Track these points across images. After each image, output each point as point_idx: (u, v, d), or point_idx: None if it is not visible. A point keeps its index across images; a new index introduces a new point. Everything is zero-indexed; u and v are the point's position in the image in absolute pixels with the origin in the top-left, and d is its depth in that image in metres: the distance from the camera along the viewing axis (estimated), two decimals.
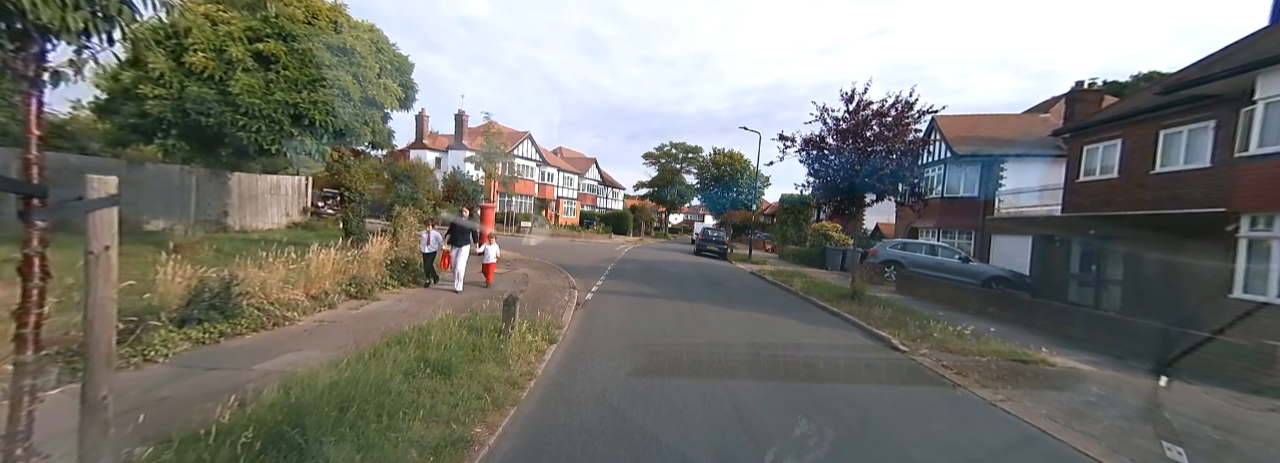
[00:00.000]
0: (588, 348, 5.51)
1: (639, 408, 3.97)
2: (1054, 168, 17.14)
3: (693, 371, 5.05)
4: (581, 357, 5.19)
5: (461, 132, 35.40)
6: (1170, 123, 11.34)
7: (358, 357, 3.98)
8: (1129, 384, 5.76)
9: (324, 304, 6.24)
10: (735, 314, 8.41)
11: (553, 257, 15.61)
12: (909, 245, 16.99)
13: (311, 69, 8.58)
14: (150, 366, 4.13)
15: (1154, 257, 11.18)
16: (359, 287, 6.95)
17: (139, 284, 4.78)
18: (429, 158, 36.51)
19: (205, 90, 7.84)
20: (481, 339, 4.84)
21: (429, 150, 36.98)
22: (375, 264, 7.60)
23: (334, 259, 6.82)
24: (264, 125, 7.98)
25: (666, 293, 10.19)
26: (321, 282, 6.39)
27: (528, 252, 16.55)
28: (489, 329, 5.11)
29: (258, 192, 14.59)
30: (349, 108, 8.71)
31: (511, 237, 25.60)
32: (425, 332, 4.79)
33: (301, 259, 6.35)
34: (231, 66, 8.12)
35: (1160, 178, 11.55)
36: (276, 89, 8.13)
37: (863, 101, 9.71)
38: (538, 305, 7.44)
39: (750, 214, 36.96)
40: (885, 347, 6.90)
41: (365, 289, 7.01)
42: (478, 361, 4.30)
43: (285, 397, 3.10)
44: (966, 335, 6.91)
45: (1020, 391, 5.21)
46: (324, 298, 6.30)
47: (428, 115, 36.71)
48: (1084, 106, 17.74)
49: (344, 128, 8.66)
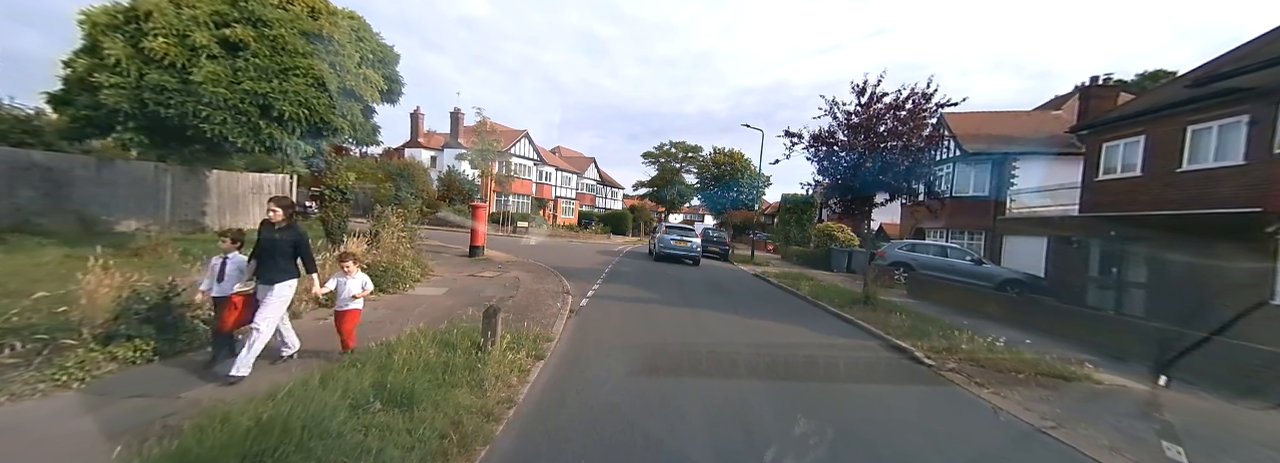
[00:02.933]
0: (579, 366, 4.88)
1: (637, 442, 3.35)
2: (1068, 166, 16.55)
3: (698, 393, 4.42)
4: (571, 376, 4.55)
5: (457, 130, 34.74)
6: (1199, 118, 10.73)
7: (303, 383, 3.34)
8: (1189, 406, 5.14)
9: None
10: (742, 322, 7.79)
11: (548, 258, 14.97)
12: (919, 247, 16.39)
13: (284, 57, 7.93)
14: (61, 393, 3.49)
15: (1182, 259, 10.57)
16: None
17: (59, 295, 4.15)
18: (424, 156, 35.89)
19: (165, 79, 7.19)
20: (456, 357, 4.20)
21: (424, 149, 36.37)
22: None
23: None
24: (229, 117, 7.33)
25: (667, 298, 9.56)
26: None
27: (523, 253, 15.92)
28: (465, 346, 4.47)
29: (239, 191, 13.94)
30: (324, 99, 8.06)
31: (507, 237, 24.96)
32: (391, 349, 4.15)
33: None
34: (196, 53, 7.47)
35: (1187, 176, 10.94)
36: (244, 78, 7.48)
37: (875, 94, 9.05)
38: (527, 314, 6.80)
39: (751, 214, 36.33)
40: (908, 359, 6.28)
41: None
42: (448, 386, 3.67)
43: (197, 441, 2.47)
44: (997, 347, 6.29)
45: (1070, 414, 4.59)
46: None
47: (423, 113, 36.08)
48: (1099, 103, 17.15)
49: (319, 121, 8.02)
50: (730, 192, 42.37)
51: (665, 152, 53.13)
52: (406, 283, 7.92)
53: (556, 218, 40.24)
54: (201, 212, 13.00)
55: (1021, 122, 19.51)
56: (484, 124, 17.62)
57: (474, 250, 13.31)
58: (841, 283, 14.35)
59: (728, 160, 43.40)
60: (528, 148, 37.34)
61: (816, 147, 9.79)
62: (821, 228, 21.29)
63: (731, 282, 13.55)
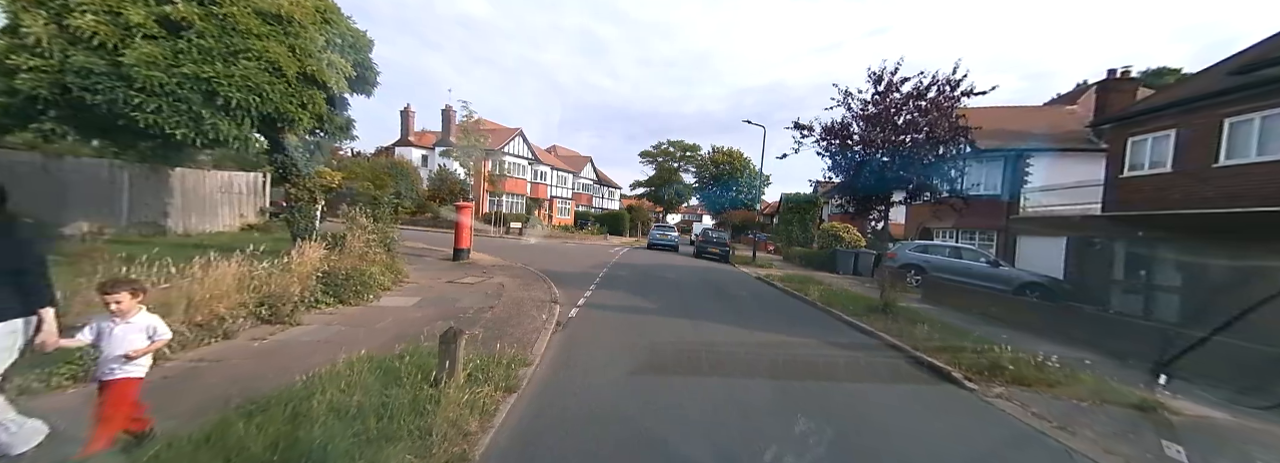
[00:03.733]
0: (560, 400, 4.00)
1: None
2: (1085, 164, 15.79)
3: (704, 433, 3.56)
4: (548, 416, 3.68)
5: (449, 127, 33.79)
6: (1238, 109, 9.95)
7: (171, 444, 2.47)
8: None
9: (215, 334, 4.71)
10: (751, 338, 6.92)
11: (539, 261, 14.08)
12: (931, 248, 15.58)
13: (235, 38, 7.03)
14: None
15: (1221, 262, 9.78)
16: (274, 308, 5.41)
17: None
18: (416, 155, 35.00)
19: (93, 61, 6.28)
20: (403, 394, 3.33)
21: (416, 147, 35.46)
22: (303, 277, 6.05)
23: (239, 273, 5.28)
24: (166, 105, 6.42)
25: (665, 307, 8.69)
26: (215, 304, 4.85)
27: (513, 255, 15.02)
28: (417, 379, 3.59)
29: (206, 190, 13.00)
30: (279, 86, 7.16)
31: (499, 238, 24.05)
32: (315, 387, 3.28)
33: (188, 273, 4.82)
34: (130, 33, 6.56)
35: (1225, 172, 10.17)
36: (186, 61, 6.58)
37: (893, 83, 8.20)
38: (505, 329, 5.92)
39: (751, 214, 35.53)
40: (944, 381, 5.43)
41: (284, 311, 5.47)
42: (381, 440, 2.79)
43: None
44: (1049, 367, 5.44)
45: (1159, 458, 3.76)
46: (217, 326, 4.76)
47: (414, 111, 35.21)
48: (1118, 97, 16.40)
49: (273, 111, 7.12)
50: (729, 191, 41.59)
51: (663, 151, 52.29)
52: (372, 292, 7.02)
53: (552, 218, 39.32)
54: (164, 213, 12.06)
55: (1034, 117, 18.74)
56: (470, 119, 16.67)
57: (458, 254, 12.41)
58: (850, 287, 13.51)
59: (727, 159, 42.61)
60: (522, 146, 36.41)
61: (829, 140, 8.94)
62: (826, 228, 20.45)
63: (734, 286, 12.70)
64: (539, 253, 17.51)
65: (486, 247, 16.84)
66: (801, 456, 3.28)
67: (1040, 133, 17.77)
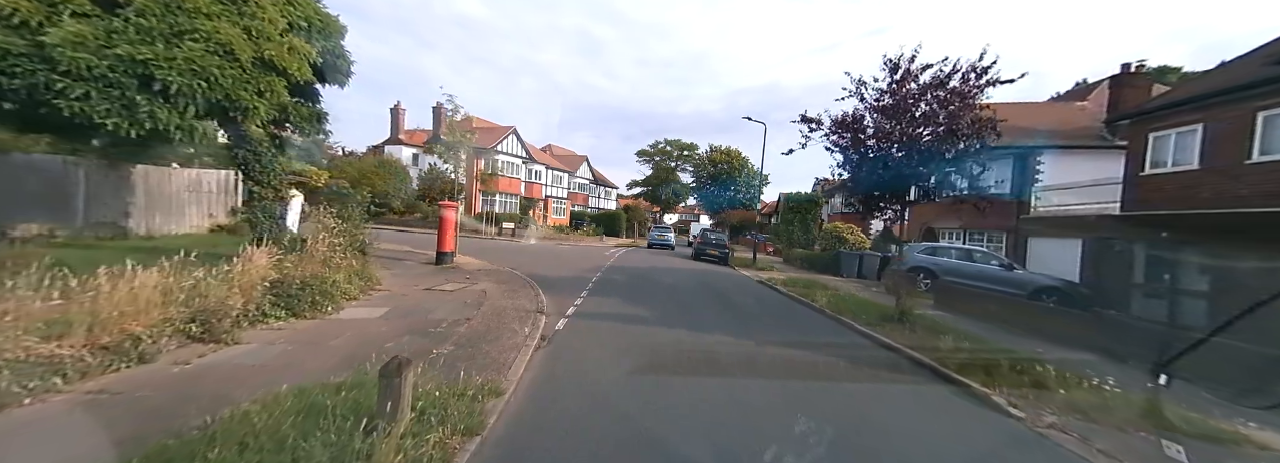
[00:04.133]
0: (534, 445, 3.26)
1: None
2: (1098, 161, 15.18)
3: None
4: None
5: (440, 126, 32.99)
6: (1273, 102, 9.34)
7: None
8: None
9: (127, 358, 3.94)
10: (759, 352, 6.19)
11: (529, 264, 13.33)
12: (940, 250, 14.92)
13: (180, 17, 6.27)
14: None
15: (1255, 265, 9.14)
16: (209, 324, 4.65)
17: None
18: (406, 154, 34.20)
19: (11, 40, 5.51)
20: (319, 451, 2.57)
21: (406, 146, 34.64)
22: (247, 287, 5.28)
23: (165, 283, 4.51)
24: (95, 90, 5.66)
25: (663, 316, 7.95)
26: (128, 321, 4.09)
27: (501, 258, 14.26)
28: (349, 424, 2.83)
29: (172, 189, 12.16)
30: (232, 71, 6.39)
31: (491, 240, 23.26)
32: (220, 435, 2.53)
33: (91, 285, 4.04)
34: (57, 10, 5.79)
35: (1260, 169, 9.55)
36: (120, 41, 5.80)
37: (910, 71, 7.50)
38: (479, 346, 5.17)
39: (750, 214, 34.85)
40: (983, 406, 4.73)
41: (220, 327, 4.70)
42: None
43: None
44: (1106, 390, 4.74)
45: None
46: (130, 348, 3.99)
47: (404, 109, 34.35)
48: (1133, 92, 15.82)
49: (223, 98, 6.35)
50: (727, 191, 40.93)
51: (660, 150, 51.57)
52: (333, 302, 6.25)
53: (547, 218, 38.53)
54: (125, 213, 11.22)
55: (1043, 113, 18.15)
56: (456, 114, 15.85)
57: (442, 257, 11.63)
58: (857, 291, 12.83)
59: (725, 159, 41.96)
60: (516, 145, 35.61)
61: (840, 133, 8.24)
62: (829, 229, 19.77)
63: (736, 291, 11.98)
64: (530, 255, 16.75)
65: (475, 249, 16.07)
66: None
67: (1050, 130, 17.16)
